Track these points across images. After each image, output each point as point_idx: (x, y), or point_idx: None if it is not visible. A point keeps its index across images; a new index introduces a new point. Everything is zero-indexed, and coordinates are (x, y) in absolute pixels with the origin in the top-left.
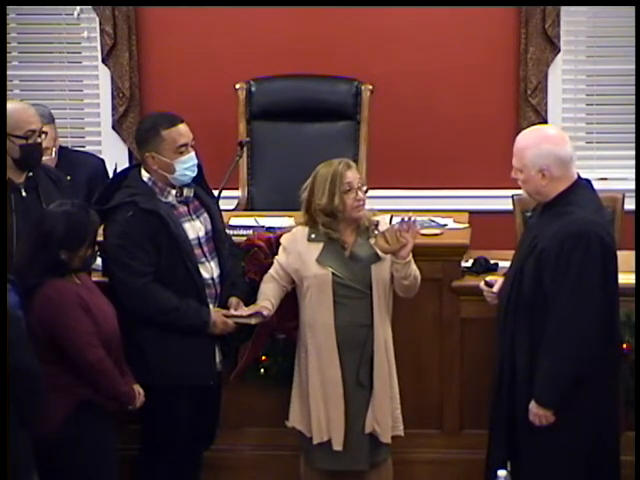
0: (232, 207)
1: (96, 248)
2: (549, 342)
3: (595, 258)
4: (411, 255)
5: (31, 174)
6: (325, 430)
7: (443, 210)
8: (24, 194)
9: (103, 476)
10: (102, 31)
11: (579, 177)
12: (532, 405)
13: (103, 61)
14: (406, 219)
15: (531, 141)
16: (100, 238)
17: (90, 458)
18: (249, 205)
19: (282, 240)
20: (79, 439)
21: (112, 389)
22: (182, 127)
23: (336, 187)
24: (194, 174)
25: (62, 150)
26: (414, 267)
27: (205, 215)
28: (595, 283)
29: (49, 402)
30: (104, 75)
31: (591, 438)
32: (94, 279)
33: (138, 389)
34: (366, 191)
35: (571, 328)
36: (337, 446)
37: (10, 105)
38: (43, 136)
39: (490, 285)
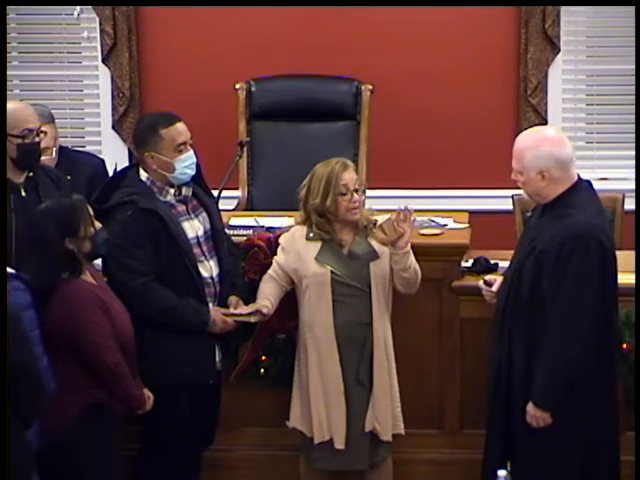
0: (232, 207)
1: (97, 224)
2: (547, 344)
3: (593, 261)
4: (409, 246)
5: (32, 174)
6: (326, 429)
7: (443, 210)
8: (24, 194)
9: (108, 477)
10: (102, 31)
11: (579, 178)
12: (529, 407)
13: (103, 61)
14: (402, 208)
15: (530, 143)
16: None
17: (97, 459)
18: (249, 205)
19: (280, 240)
20: (89, 440)
21: (126, 393)
22: (180, 126)
23: (331, 188)
24: (193, 172)
25: (62, 150)
26: (413, 259)
27: (204, 214)
28: (593, 285)
29: (61, 402)
30: (104, 75)
31: (588, 440)
32: None
33: (147, 393)
34: (364, 191)
35: (568, 330)
36: (339, 445)
37: (8, 105)
38: (42, 135)
39: (489, 284)
